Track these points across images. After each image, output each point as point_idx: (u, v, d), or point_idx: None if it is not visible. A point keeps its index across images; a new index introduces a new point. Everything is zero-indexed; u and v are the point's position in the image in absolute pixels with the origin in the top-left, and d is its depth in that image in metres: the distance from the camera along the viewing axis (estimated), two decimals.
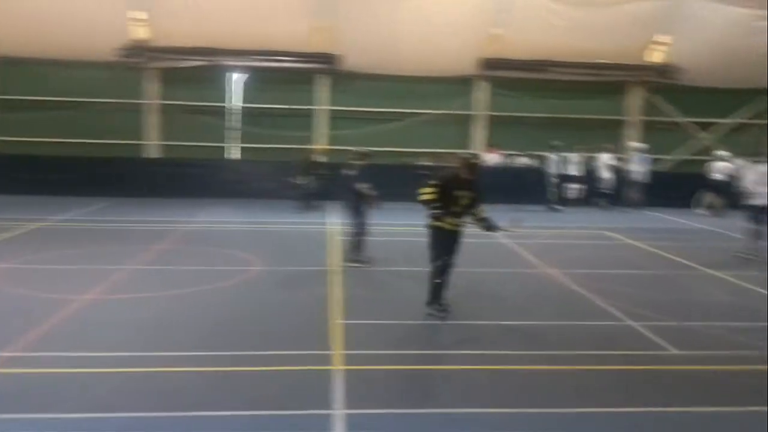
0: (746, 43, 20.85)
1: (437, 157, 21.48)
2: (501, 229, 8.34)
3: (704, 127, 22.81)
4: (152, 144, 21.60)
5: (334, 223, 15.12)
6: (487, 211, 8.17)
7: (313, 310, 8.36)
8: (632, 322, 7.99)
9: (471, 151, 8.11)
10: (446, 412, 5.45)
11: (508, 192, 19.58)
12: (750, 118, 22.96)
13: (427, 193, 7.82)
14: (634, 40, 21.33)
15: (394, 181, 19.48)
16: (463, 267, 11.04)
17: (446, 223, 7.89)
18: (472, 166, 8.07)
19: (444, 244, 7.98)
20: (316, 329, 7.53)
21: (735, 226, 14.53)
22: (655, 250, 12.94)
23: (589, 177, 20.11)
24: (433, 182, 7.90)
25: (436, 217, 7.91)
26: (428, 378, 6.22)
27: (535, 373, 6.41)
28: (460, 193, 7.87)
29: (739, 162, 17.93)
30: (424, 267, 10.93)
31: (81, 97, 20.83)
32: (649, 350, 7.08)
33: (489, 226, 8.16)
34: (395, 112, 21.83)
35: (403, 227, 14.97)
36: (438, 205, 7.79)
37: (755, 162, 13.10)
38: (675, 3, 20.42)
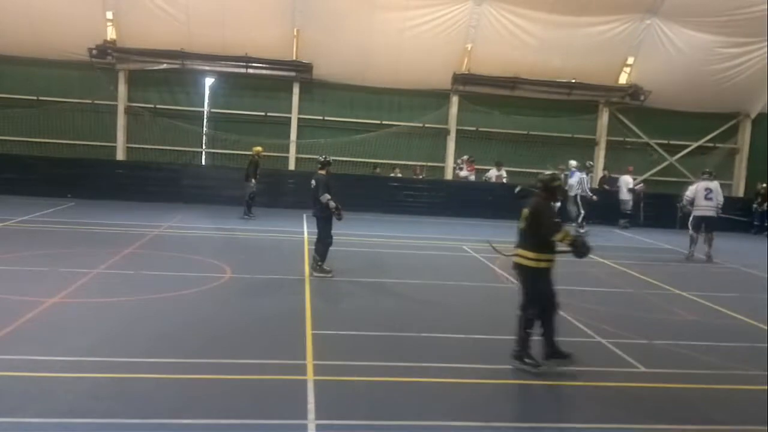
0: (713, 69, 21.49)
1: (408, 169, 21.73)
2: None
3: (669, 148, 23.36)
4: (120, 146, 21.25)
5: (301, 231, 15.03)
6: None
7: (283, 319, 8.27)
8: (602, 339, 8.08)
9: (550, 172, 6.77)
10: (419, 425, 5.42)
11: (484, 207, 19.87)
12: (715, 142, 23.60)
13: (564, 230, 6.59)
14: (604, 62, 21.78)
15: (364, 192, 19.64)
16: (434, 280, 11.18)
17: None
18: (556, 187, 6.92)
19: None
20: (286, 338, 7.44)
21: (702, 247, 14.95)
22: (624, 269, 13.15)
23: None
24: (556, 217, 6.68)
25: (552, 258, 6.72)
26: (399, 390, 6.19)
27: (503, 386, 6.43)
28: None
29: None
30: (390, 278, 11.04)
31: (47, 96, 20.43)
32: (619, 367, 7.16)
33: None
34: (367, 123, 21.87)
35: (371, 238, 14.98)
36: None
37: (702, 179, 14.83)
38: (644, 27, 20.94)
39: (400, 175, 21.51)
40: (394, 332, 8.01)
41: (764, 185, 20.87)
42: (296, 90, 21.60)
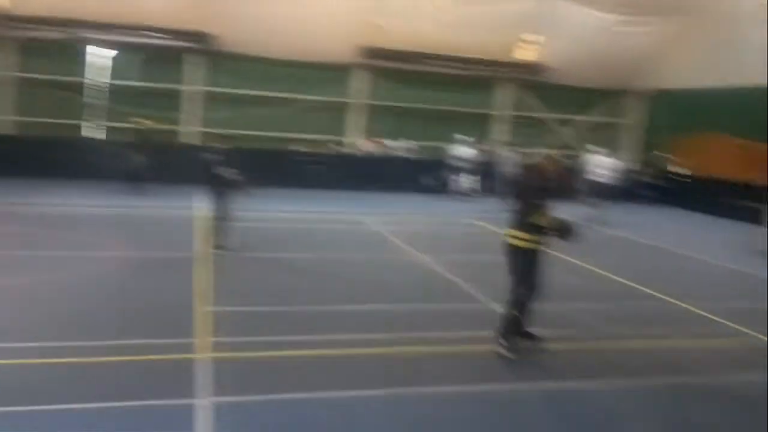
0: (609, 46, 22.31)
1: (313, 144, 21.51)
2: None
3: (567, 123, 24.23)
4: (8, 119, 19.86)
5: (199, 207, 14.63)
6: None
7: (178, 297, 8.06)
8: (495, 305, 8.33)
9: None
10: (315, 397, 5.45)
11: (389, 180, 20.00)
12: (611, 116, 24.68)
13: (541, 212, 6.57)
14: (507, 38, 22.20)
15: (268, 168, 19.27)
16: (334, 253, 11.19)
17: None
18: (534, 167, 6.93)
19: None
20: (180, 317, 7.26)
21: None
22: None
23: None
24: (542, 199, 6.63)
25: (539, 239, 6.68)
26: (297, 363, 6.18)
27: (400, 355, 6.53)
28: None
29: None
30: (290, 253, 10.95)
31: None
32: None
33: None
34: (272, 96, 21.43)
35: (273, 213, 14.79)
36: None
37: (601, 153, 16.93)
38: (546, 4, 21.39)
39: (305, 149, 21.25)
40: (292, 306, 7.97)
41: (657, 155, 21.78)
42: (196, 61, 20.83)
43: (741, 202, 14.22)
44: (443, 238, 13.41)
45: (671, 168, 21.26)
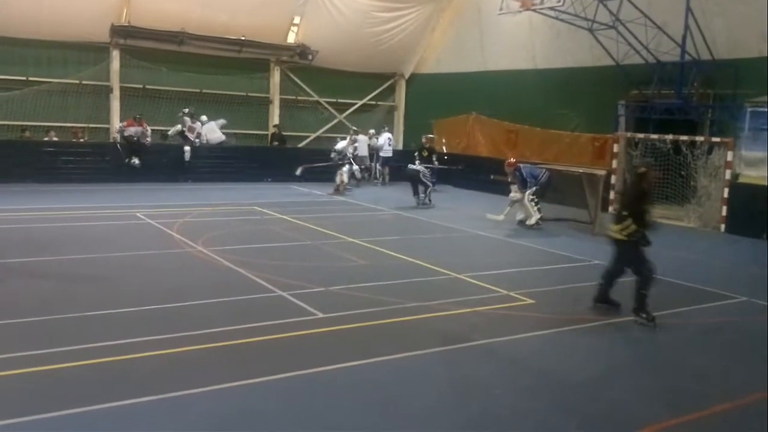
0: (370, 32, 23.04)
1: (68, 132, 19.41)
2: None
3: (338, 106, 24.64)
4: None
5: None
6: None
7: None
8: (283, 293, 8.15)
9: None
10: (82, 411, 4.81)
11: (157, 170, 18.79)
12: (377, 100, 25.56)
13: None
14: (272, 20, 21.83)
15: (11, 160, 17.05)
16: (104, 252, 10.14)
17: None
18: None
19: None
20: None
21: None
22: (302, 223, 13.52)
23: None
24: None
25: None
26: (57, 378, 5.42)
27: (174, 356, 6.03)
28: None
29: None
30: (50, 256, 9.73)
31: None
32: (300, 317, 7.28)
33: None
34: (9, 79, 18.91)
35: (24, 212, 13.12)
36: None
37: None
38: None
39: (56, 138, 19.03)
40: (53, 315, 7.00)
41: (426, 138, 22.76)
42: None
43: (496, 177, 15.49)
44: (222, 227, 12.88)
45: (438, 148, 22.49)
